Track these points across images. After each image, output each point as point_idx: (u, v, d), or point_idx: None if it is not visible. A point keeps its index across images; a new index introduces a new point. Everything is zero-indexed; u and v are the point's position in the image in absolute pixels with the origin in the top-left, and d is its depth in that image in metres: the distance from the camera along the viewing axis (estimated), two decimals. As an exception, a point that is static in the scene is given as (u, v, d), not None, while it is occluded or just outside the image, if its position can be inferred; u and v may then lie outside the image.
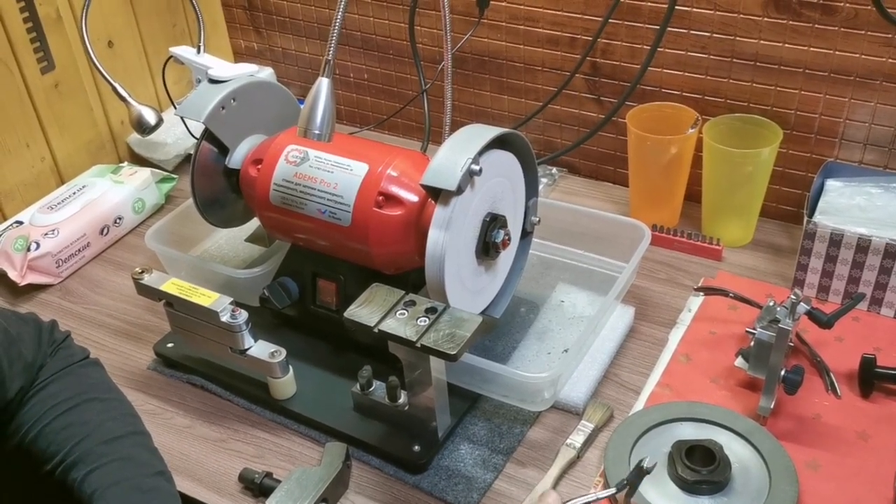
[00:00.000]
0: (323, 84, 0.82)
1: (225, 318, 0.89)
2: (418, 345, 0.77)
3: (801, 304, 0.86)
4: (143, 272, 0.94)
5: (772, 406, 0.86)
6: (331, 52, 0.82)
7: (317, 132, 0.82)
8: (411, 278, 0.93)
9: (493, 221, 0.89)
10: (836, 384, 0.91)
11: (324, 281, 0.98)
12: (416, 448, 0.86)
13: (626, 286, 1.00)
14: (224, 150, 1.02)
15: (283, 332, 1.01)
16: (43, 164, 1.30)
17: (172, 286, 0.92)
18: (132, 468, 0.75)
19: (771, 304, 0.88)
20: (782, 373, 0.85)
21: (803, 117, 1.10)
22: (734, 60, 1.10)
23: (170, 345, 1.02)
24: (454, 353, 0.76)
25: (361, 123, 1.48)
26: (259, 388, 0.95)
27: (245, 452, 0.91)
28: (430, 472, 0.86)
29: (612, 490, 0.75)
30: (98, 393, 0.81)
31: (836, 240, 0.98)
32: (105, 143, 1.38)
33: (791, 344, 0.86)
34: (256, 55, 1.53)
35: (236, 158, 1.02)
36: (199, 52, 1.12)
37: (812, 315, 0.89)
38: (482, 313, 0.94)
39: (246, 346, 0.91)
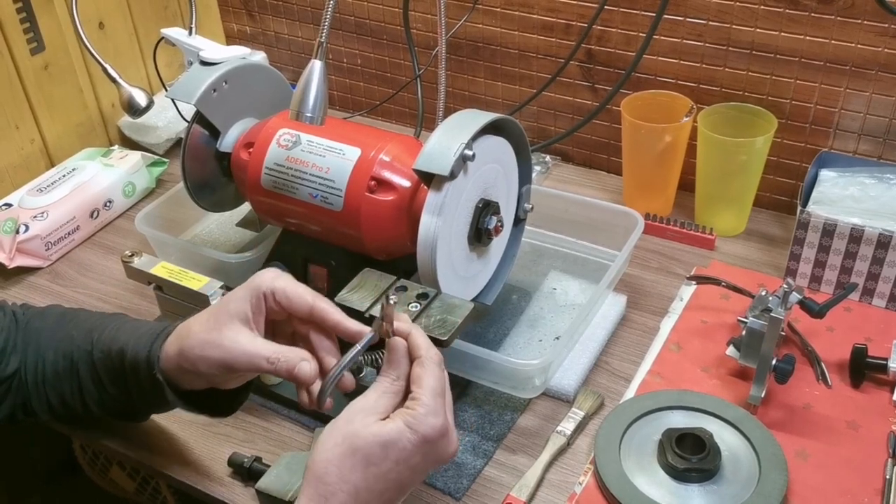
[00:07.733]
0: (316, 66, 0.82)
1: (215, 301, 0.89)
2: (409, 330, 0.77)
3: (794, 293, 0.86)
4: (132, 255, 0.94)
5: (762, 395, 0.86)
6: (324, 35, 0.81)
7: (309, 115, 0.82)
8: (403, 264, 0.92)
9: (486, 208, 0.88)
10: (826, 374, 0.91)
11: (315, 266, 0.97)
12: (406, 434, 0.86)
13: (618, 274, 1.00)
14: (215, 134, 1.01)
15: (273, 318, 1.00)
16: (32, 146, 1.28)
17: (162, 269, 0.92)
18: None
19: (763, 293, 0.88)
20: (773, 362, 0.86)
21: (798, 107, 1.09)
22: (730, 49, 1.10)
23: (159, 329, 1.01)
24: (445, 338, 0.75)
25: (354, 109, 1.47)
26: (249, 373, 0.94)
27: (234, 437, 0.90)
28: (419, 458, 0.86)
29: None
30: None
31: (829, 230, 0.97)
32: (95, 125, 1.37)
33: (782, 333, 0.86)
34: (249, 39, 1.52)
35: (228, 142, 1.01)
36: (190, 33, 1.11)
37: (804, 304, 0.89)
38: (474, 300, 0.94)
39: (236, 331, 0.91)
